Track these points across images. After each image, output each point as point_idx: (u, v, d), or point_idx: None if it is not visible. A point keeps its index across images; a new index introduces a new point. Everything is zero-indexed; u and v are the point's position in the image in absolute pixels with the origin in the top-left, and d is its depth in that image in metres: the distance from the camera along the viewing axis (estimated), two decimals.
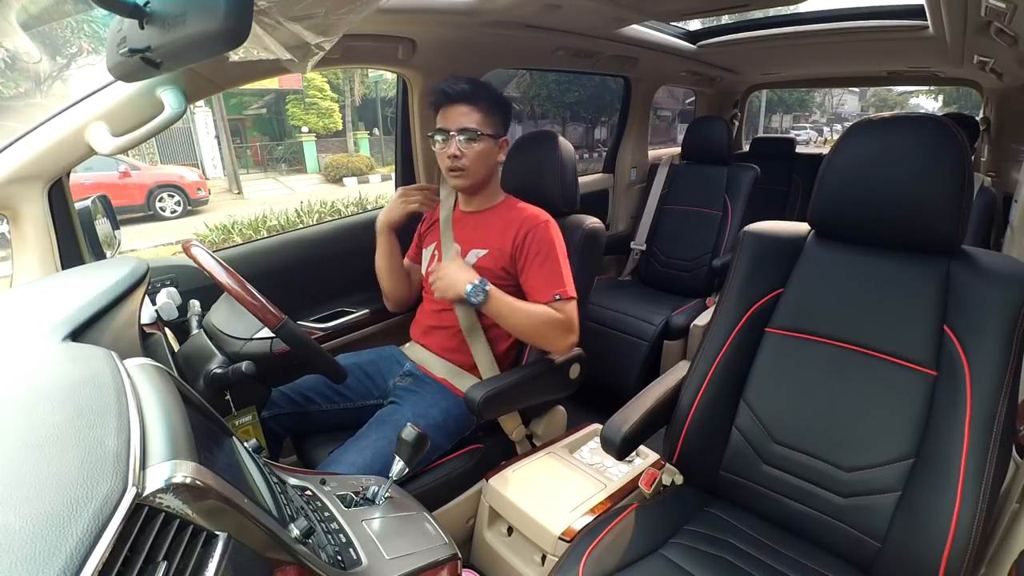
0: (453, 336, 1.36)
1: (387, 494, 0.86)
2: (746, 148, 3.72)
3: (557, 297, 1.25)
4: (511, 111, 1.36)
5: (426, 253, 1.46)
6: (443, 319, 1.38)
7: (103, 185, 8.12)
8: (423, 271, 1.46)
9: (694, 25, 2.45)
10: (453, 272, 1.24)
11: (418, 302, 1.51)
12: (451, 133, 1.27)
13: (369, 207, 6.79)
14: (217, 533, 0.46)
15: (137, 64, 0.84)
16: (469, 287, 1.20)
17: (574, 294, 1.28)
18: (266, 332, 1.07)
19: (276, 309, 1.00)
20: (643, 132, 2.90)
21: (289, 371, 1.27)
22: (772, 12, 2.21)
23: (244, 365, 0.98)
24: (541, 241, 1.28)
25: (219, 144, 12.38)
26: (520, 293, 1.30)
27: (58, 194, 1.10)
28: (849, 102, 29.68)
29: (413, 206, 1.44)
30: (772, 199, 3.24)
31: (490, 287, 1.22)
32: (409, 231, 1.55)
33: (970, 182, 0.87)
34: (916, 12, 1.78)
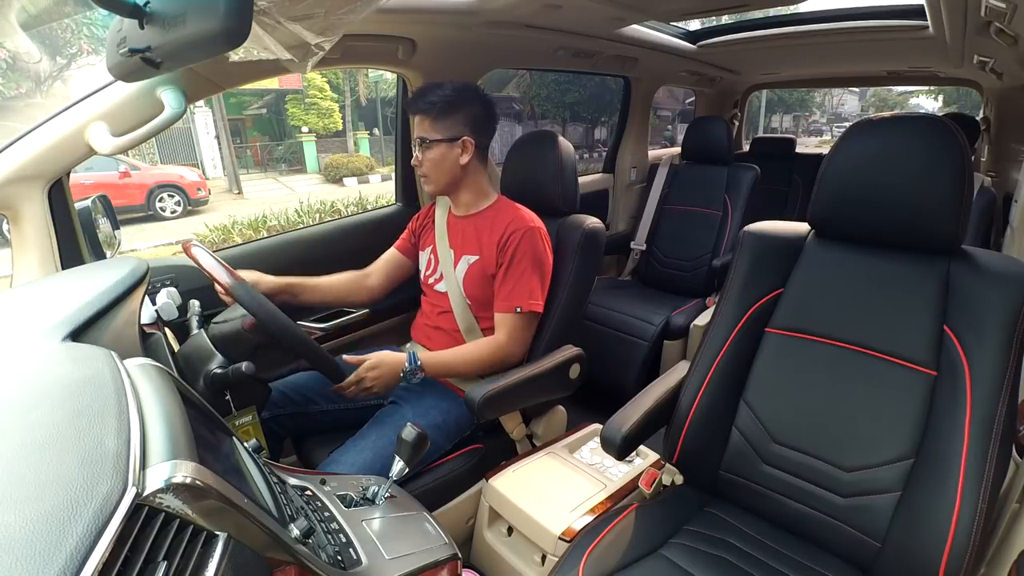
0: (452, 337, 1.36)
1: (387, 494, 0.86)
2: (746, 148, 3.72)
3: (517, 310, 1.27)
4: (479, 107, 1.30)
5: (423, 256, 1.46)
6: (442, 320, 1.38)
7: (103, 185, 8.12)
8: (421, 274, 1.46)
9: (694, 25, 2.45)
10: (384, 370, 1.20)
11: (416, 296, 1.50)
12: (413, 142, 1.31)
13: (369, 207, 6.78)
14: (217, 533, 0.46)
15: (137, 64, 0.84)
16: (403, 372, 1.20)
17: (537, 308, 1.29)
18: (240, 311, 1.05)
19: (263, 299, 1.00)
20: (643, 132, 2.91)
21: (284, 360, 1.25)
22: (772, 12, 2.22)
23: (244, 365, 0.98)
24: (519, 246, 1.28)
25: (219, 144, 12.37)
26: None
27: (58, 194, 1.10)
28: (849, 102, 29.65)
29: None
30: (772, 199, 3.24)
31: (421, 360, 1.22)
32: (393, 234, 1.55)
33: (970, 182, 0.87)
34: (916, 12, 1.78)
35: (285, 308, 1.09)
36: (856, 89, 23.88)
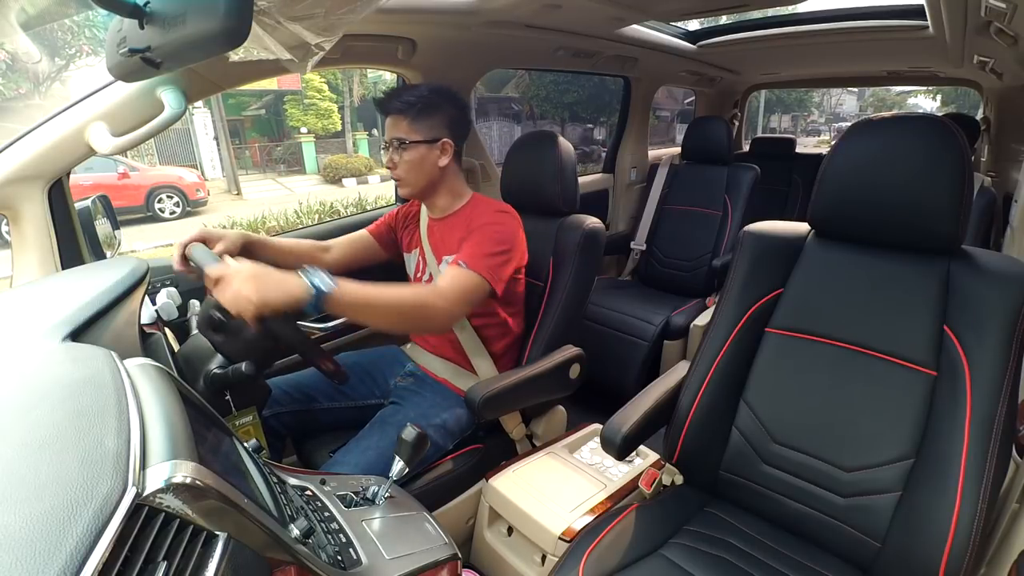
0: (445, 336, 1.36)
1: (387, 494, 0.86)
2: (746, 148, 3.72)
3: (461, 263, 1.16)
4: (455, 108, 1.27)
5: (410, 258, 1.44)
6: None
7: (102, 186, 8.12)
8: (411, 276, 1.44)
9: (694, 25, 2.45)
10: (270, 280, 0.86)
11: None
12: (386, 143, 1.27)
13: (368, 208, 6.78)
14: (217, 533, 0.46)
15: (137, 64, 0.84)
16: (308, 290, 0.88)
17: (483, 272, 1.15)
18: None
19: None
20: (643, 132, 2.91)
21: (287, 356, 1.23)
22: (772, 12, 2.22)
23: (244, 365, 0.98)
24: (483, 219, 1.25)
25: (218, 145, 12.37)
26: None
27: (58, 194, 1.10)
28: (848, 102, 29.64)
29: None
30: (772, 199, 3.24)
31: (333, 288, 0.90)
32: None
33: (970, 182, 0.87)
34: (916, 12, 1.78)
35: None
36: (855, 89, 23.89)
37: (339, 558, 0.66)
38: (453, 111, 1.27)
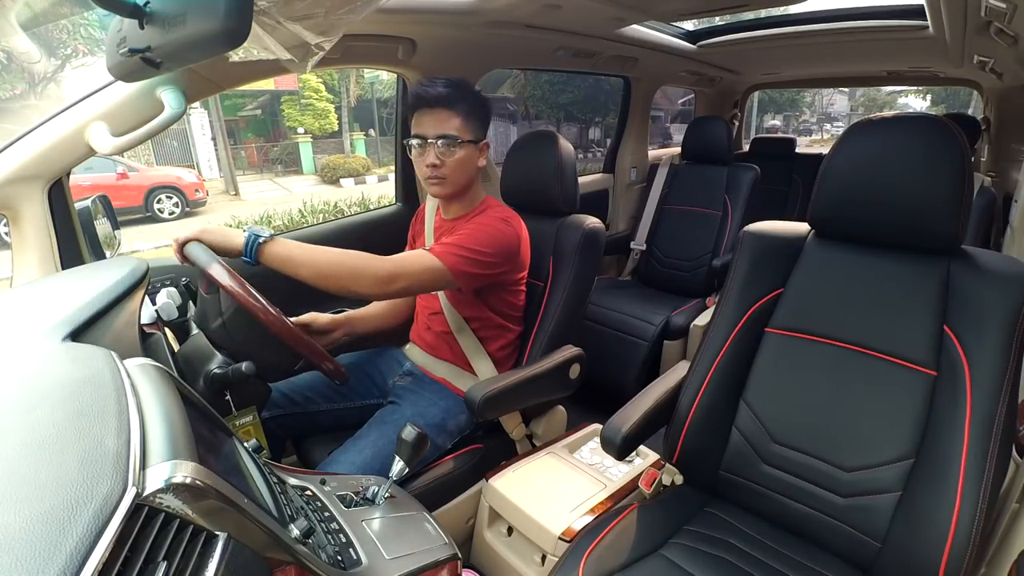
0: (443, 338, 1.36)
1: (387, 494, 0.86)
2: (746, 148, 3.72)
3: (424, 248, 1.17)
4: (490, 111, 1.29)
5: None
6: (434, 322, 1.37)
7: (101, 186, 8.10)
8: None
9: (694, 25, 2.45)
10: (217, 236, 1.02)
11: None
12: (429, 140, 1.19)
13: (371, 207, 6.76)
14: (217, 533, 0.46)
15: (137, 64, 0.84)
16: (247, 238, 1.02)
17: (447, 261, 1.13)
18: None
19: (275, 309, 1.00)
20: (643, 132, 2.91)
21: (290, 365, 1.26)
22: (771, 12, 2.22)
23: (244, 365, 0.98)
24: (481, 220, 1.25)
25: (215, 146, 12.34)
26: (490, 289, 1.28)
27: (58, 194, 1.10)
28: (839, 102, 29.55)
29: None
30: (772, 199, 3.24)
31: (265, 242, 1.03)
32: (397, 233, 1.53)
33: (970, 182, 0.87)
34: (916, 12, 1.78)
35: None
36: (846, 89, 23.83)
37: (339, 558, 0.66)
38: (487, 110, 1.27)
